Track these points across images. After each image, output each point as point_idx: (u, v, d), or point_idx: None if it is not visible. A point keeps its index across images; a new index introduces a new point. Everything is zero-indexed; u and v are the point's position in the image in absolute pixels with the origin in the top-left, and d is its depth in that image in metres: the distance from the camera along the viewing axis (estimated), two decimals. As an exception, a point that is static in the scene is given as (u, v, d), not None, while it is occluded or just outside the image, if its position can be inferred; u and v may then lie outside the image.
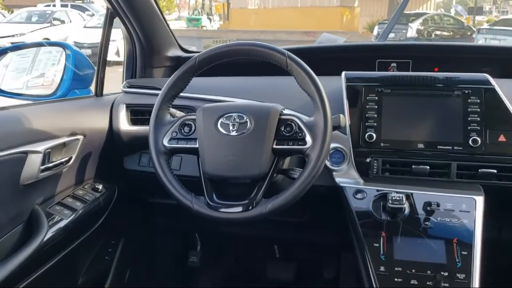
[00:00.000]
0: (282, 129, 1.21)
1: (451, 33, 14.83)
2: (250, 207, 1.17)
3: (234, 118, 1.23)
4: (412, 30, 13.62)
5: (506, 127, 1.32)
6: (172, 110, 1.36)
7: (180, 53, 1.91)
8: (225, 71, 1.65)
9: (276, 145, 1.20)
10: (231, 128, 1.22)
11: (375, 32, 13.88)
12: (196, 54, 1.28)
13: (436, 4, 26.03)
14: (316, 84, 1.18)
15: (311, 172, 1.15)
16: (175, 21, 25.72)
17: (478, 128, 1.33)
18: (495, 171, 1.31)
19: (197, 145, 1.25)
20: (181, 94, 1.33)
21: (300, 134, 1.20)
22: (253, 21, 20.35)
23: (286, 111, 1.28)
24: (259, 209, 1.17)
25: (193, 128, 1.28)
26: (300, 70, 1.20)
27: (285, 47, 1.32)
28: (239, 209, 1.18)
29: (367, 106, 1.40)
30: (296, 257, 2.19)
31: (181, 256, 2.17)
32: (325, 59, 1.77)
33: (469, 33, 14.71)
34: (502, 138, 1.32)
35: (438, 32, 14.57)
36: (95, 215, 1.56)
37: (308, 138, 1.18)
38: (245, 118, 1.22)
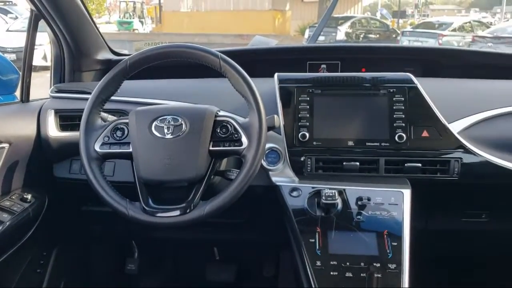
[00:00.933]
0: (218, 131, 1.22)
1: (378, 35, 15.54)
2: (188, 210, 1.17)
3: (169, 121, 1.22)
4: (341, 33, 14.14)
5: (429, 123, 1.40)
6: (104, 114, 1.33)
7: (111, 56, 1.86)
8: (159, 73, 1.62)
9: (212, 146, 1.21)
10: (165, 131, 1.21)
11: (306, 35, 14.24)
12: (127, 57, 1.26)
13: (363, 8, 27.09)
14: (250, 86, 1.20)
15: (248, 173, 1.16)
16: (106, 25, 25.02)
17: (403, 124, 1.39)
18: (419, 165, 1.38)
19: (130, 150, 1.22)
20: (113, 97, 1.30)
21: (236, 135, 1.21)
22: (186, 24, 20.21)
23: (221, 113, 1.28)
24: (197, 211, 1.17)
25: (126, 132, 1.25)
26: (233, 72, 1.21)
27: (218, 49, 1.33)
28: (177, 212, 1.17)
29: (299, 107, 1.44)
30: (236, 258, 2.20)
31: (118, 264, 2.11)
32: (258, 61, 1.80)
33: (394, 36, 15.49)
34: (425, 134, 1.39)
35: (365, 35, 15.19)
36: (24, 227, 1.49)
37: (244, 139, 1.20)
38: (180, 120, 1.22)
